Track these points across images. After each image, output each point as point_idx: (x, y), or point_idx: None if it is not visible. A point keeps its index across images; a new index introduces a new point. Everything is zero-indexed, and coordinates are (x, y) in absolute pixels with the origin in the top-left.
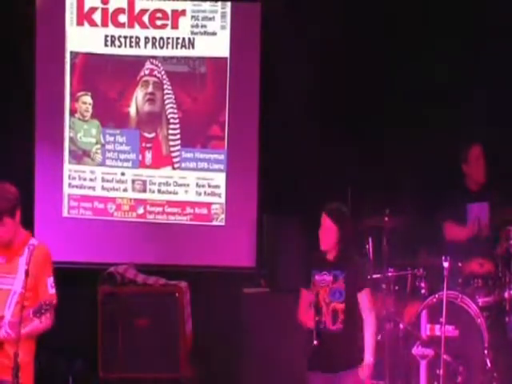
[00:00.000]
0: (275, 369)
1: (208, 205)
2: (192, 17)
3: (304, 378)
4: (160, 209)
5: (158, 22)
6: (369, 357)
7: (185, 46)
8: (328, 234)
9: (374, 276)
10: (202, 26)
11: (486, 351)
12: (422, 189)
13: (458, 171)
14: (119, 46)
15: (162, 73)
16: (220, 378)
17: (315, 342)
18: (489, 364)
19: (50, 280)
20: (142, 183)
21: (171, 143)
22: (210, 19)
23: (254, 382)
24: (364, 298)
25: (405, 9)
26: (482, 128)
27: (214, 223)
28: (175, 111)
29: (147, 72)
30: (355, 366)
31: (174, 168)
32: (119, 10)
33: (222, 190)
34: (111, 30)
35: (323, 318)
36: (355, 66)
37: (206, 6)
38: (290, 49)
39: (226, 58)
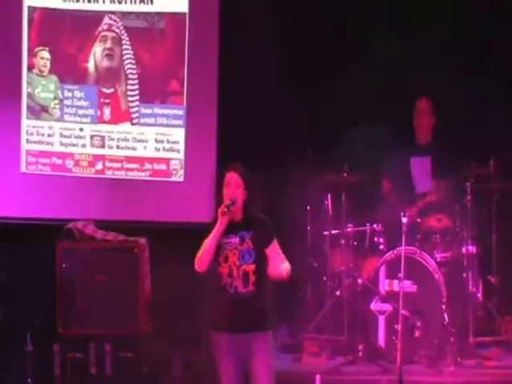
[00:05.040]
0: None
1: (167, 160)
2: None
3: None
4: (119, 165)
5: None
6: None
7: (143, 2)
8: (236, 191)
9: (333, 232)
10: None
11: (443, 306)
12: (378, 144)
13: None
14: (77, 1)
15: (121, 28)
16: (179, 334)
17: None
18: (446, 319)
19: None
20: (101, 139)
21: (130, 99)
22: None
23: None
24: (273, 250)
25: None
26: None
27: (173, 179)
28: (134, 67)
29: (106, 27)
30: (266, 329)
31: (132, 124)
32: None
33: (181, 146)
34: None
35: (234, 282)
36: (316, 22)
37: None
38: (250, 2)
39: (185, 14)
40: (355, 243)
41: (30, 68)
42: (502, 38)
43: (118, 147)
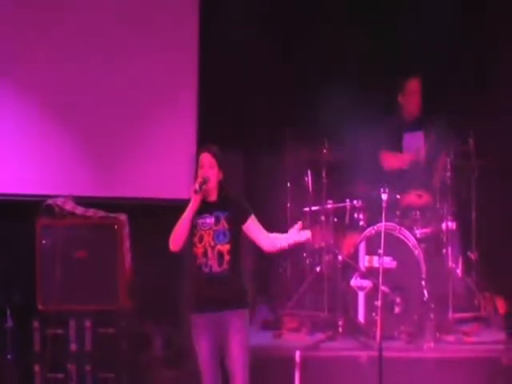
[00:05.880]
0: None
1: None
2: None
3: None
4: None
5: None
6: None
7: None
8: (209, 171)
9: (313, 208)
10: None
11: (423, 282)
12: (361, 120)
13: (394, 102)
14: None
15: None
16: (158, 310)
17: None
18: (426, 295)
19: None
20: None
21: None
22: None
23: None
24: (252, 224)
25: None
26: (420, 60)
27: (154, 154)
28: None
29: None
30: (241, 307)
31: None
32: None
33: None
34: None
35: (209, 262)
36: None
37: None
38: None
39: None
40: (335, 219)
41: None
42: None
43: None
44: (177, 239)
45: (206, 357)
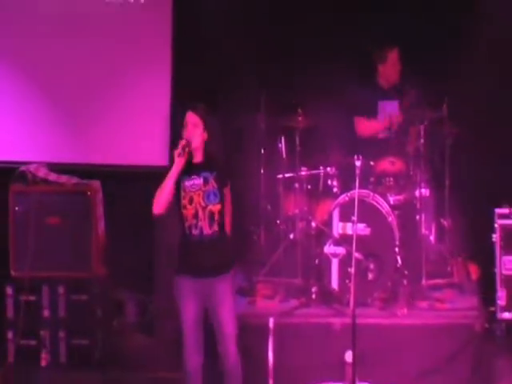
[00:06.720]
0: None
1: None
2: None
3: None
4: None
5: None
6: None
7: None
8: (193, 131)
9: (287, 175)
10: None
11: (396, 249)
12: (335, 87)
13: (369, 69)
14: None
15: None
16: (132, 276)
17: None
18: (399, 262)
19: None
20: None
21: None
22: None
23: (166, 276)
24: (227, 193)
25: None
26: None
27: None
28: None
29: None
30: (231, 268)
31: None
32: None
33: None
34: None
35: (200, 223)
36: None
37: None
38: None
39: None
40: (309, 186)
41: None
42: None
43: None
44: (161, 202)
45: (190, 318)
